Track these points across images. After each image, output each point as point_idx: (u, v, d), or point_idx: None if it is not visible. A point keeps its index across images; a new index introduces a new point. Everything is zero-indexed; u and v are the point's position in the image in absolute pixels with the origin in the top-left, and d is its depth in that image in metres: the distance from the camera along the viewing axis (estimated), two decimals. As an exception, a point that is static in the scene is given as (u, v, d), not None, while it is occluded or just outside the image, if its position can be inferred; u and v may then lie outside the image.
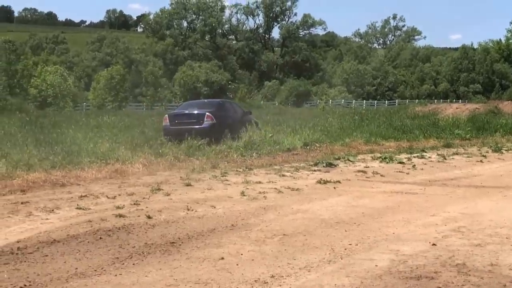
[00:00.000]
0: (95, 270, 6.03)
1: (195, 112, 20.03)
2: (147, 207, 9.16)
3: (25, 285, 5.56)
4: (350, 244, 7.15)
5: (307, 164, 14.86)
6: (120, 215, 8.49)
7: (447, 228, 8.05)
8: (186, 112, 20.46)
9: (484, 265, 6.30)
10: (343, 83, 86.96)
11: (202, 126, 19.01)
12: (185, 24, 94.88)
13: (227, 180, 12.19)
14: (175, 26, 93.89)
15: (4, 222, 8.06)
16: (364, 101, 77.43)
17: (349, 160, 15.98)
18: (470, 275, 5.95)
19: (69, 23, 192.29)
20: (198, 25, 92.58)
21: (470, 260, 6.47)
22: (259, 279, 5.78)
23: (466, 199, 10.45)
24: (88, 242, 7.14)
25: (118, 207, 9.05)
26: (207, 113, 19.37)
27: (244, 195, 10.39)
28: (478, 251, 6.87)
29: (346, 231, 7.88)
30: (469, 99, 76.86)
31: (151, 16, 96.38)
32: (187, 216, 8.65)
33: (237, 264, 6.28)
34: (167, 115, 20.40)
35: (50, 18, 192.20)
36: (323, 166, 14.53)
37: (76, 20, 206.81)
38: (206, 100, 27.68)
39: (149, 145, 16.97)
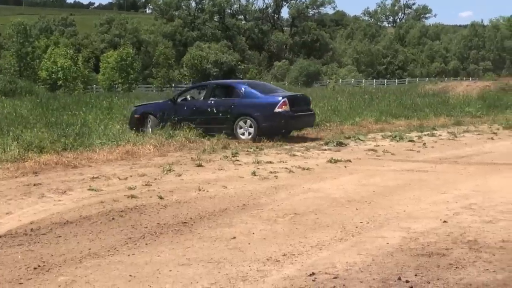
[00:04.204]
0: (108, 251, 6.09)
1: (305, 96, 18.12)
2: (158, 188, 9.21)
3: (39, 266, 5.62)
4: (361, 222, 7.18)
5: (318, 144, 14.89)
6: (132, 196, 8.55)
7: (458, 206, 8.06)
8: (300, 95, 18.08)
9: (495, 241, 6.31)
10: (353, 63, 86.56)
11: (312, 112, 17.39)
12: (193, 4, 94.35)
13: (238, 160, 12.22)
14: (183, 6, 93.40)
15: (17, 204, 8.13)
16: (374, 80, 77.04)
17: (359, 139, 15.98)
18: (481, 251, 5.97)
19: (77, 5, 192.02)
20: (206, 5, 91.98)
21: (482, 237, 6.48)
22: (271, 258, 5.82)
23: (477, 177, 10.43)
24: (101, 222, 7.20)
25: (130, 188, 9.11)
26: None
27: (255, 175, 10.42)
28: (489, 227, 6.88)
29: (357, 209, 7.91)
30: (479, 77, 76.41)
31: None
32: (198, 196, 8.69)
33: (249, 243, 6.32)
34: (286, 99, 15.81)
35: (58, 1, 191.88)
36: (334, 145, 14.55)
37: (85, 2, 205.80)
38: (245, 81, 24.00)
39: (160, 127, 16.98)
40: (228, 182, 9.82)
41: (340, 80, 70.74)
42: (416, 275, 5.30)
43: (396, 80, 77.94)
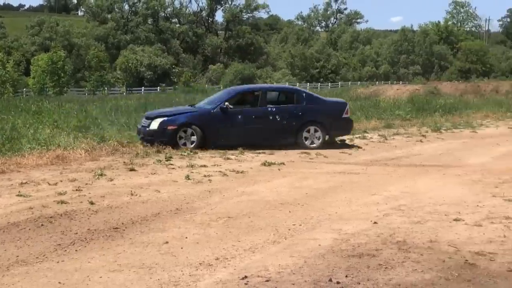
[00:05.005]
0: (37, 258, 5.96)
1: None
2: (89, 193, 9.05)
3: (-36, 275, 5.45)
4: (294, 225, 7.24)
5: (252, 147, 14.91)
6: (62, 202, 8.37)
7: (388, 207, 8.24)
8: None
9: (423, 241, 6.48)
10: (288, 66, 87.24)
11: None
12: (126, 7, 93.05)
13: (171, 164, 12.13)
14: (116, 9, 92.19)
15: None
16: (308, 84, 77.76)
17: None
18: (410, 251, 6.12)
19: (7, 7, 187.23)
20: (140, 8, 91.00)
21: (410, 237, 6.64)
22: (203, 262, 5.81)
23: (406, 178, 10.68)
24: (29, 229, 7.03)
25: (60, 194, 8.92)
26: None
27: (189, 179, 10.38)
28: (418, 228, 7.05)
29: (290, 212, 7.97)
30: (409, 81, 78.09)
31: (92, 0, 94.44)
32: (130, 201, 8.59)
33: (182, 248, 6.29)
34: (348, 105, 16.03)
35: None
36: (268, 148, 14.61)
37: (15, 4, 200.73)
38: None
39: (90, 130, 16.71)
40: (162, 186, 9.74)
41: (275, 83, 71.19)
42: (346, 276, 5.38)
43: (329, 84, 78.91)
